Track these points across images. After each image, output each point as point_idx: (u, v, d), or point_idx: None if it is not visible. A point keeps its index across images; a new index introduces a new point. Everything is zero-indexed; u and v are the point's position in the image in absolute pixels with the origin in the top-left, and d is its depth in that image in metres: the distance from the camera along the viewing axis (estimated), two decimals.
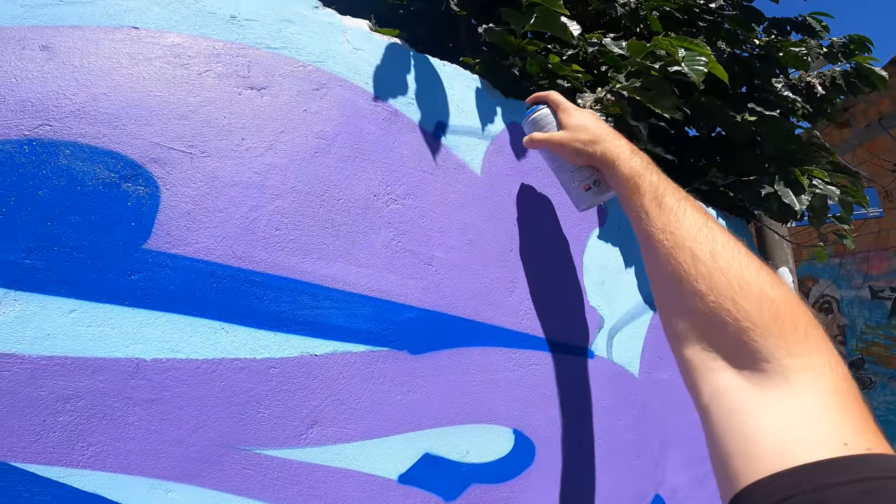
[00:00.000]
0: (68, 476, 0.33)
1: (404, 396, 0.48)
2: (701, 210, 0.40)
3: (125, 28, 0.38)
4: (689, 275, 0.35)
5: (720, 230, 0.37)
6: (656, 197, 0.41)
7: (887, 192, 3.06)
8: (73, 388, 0.34)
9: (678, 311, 0.36)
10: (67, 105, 0.35)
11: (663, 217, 0.39)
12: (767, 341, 0.29)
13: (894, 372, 3.08)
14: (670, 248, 0.37)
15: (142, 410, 0.36)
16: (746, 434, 0.27)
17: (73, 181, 0.35)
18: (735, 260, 0.34)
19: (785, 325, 0.29)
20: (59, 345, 0.34)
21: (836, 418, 0.26)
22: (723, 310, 0.32)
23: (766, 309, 0.30)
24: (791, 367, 0.28)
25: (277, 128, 0.44)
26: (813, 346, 0.29)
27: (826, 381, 0.27)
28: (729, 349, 0.31)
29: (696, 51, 0.61)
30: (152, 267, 0.37)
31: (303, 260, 0.43)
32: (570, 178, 0.55)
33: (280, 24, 0.47)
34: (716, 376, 0.31)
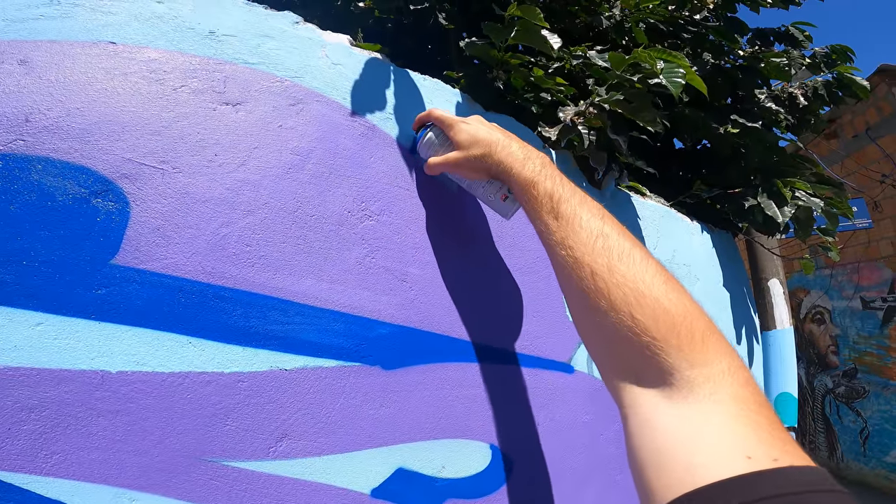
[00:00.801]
0: (32, 483, 0.34)
1: (377, 411, 0.48)
2: (598, 214, 0.39)
3: (102, 43, 0.39)
4: (590, 291, 0.35)
5: (617, 237, 0.36)
6: (552, 208, 0.41)
7: (876, 203, 3.08)
8: (38, 397, 0.35)
9: (587, 328, 0.37)
10: (41, 120, 0.35)
11: (561, 230, 0.39)
12: (669, 354, 0.30)
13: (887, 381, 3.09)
14: (571, 264, 0.37)
15: (106, 421, 0.37)
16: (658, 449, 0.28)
17: (43, 196, 0.35)
18: (630, 271, 0.34)
19: (681, 334, 0.30)
20: (25, 356, 0.35)
21: (739, 430, 0.26)
22: (624, 326, 0.32)
23: (662, 321, 0.31)
24: (692, 379, 0.29)
25: (251, 143, 0.45)
26: (711, 353, 0.30)
27: (726, 389, 0.28)
28: (636, 364, 0.31)
29: (674, 63, 0.62)
30: (120, 282, 0.37)
31: (274, 276, 0.43)
32: (484, 193, 0.53)
33: (259, 40, 0.48)
34: (629, 389, 0.31)
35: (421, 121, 0.55)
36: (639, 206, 0.87)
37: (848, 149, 3.32)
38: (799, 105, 0.91)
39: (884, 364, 3.10)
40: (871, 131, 3.12)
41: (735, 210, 0.96)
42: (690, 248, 0.97)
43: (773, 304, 1.29)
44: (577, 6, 0.93)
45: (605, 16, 0.87)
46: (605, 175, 0.80)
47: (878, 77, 2.96)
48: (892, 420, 3.07)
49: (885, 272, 3.11)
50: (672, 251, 0.92)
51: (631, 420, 0.31)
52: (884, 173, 3.05)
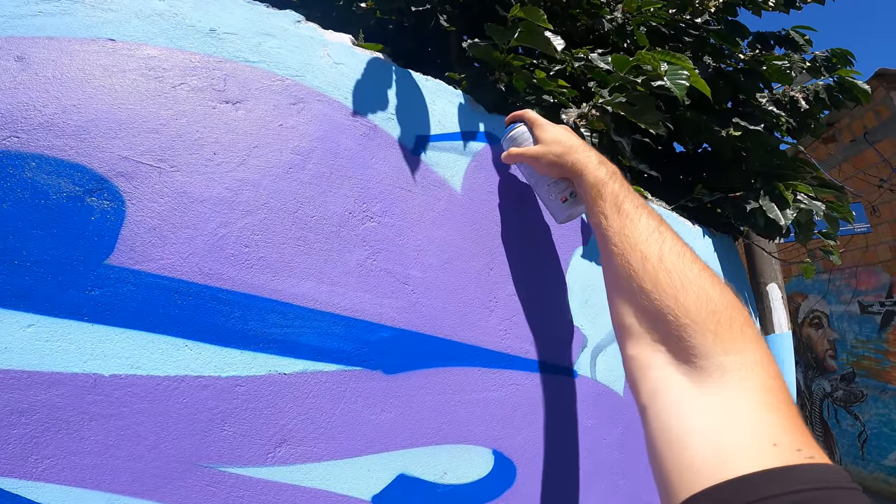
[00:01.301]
0: (22, 487, 0.33)
1: (378, 416, 0.47)
2: (656, 217, 0.42)
3: (101, 40, 0.38)
4: (637, 274, 0.37)
5: (671, 236, 0.40)
6: (616, 203, 0.44)
7: (874, 207, 3.09)
8: (29, 401, 0.34)
9: (626, 307, 0.38)
10: (37, 117, 0.34)
11: (620, 221, 0.43)
12: (705, 338, 0.31)
13: (885, 385, 3.09)
14: (623, 249, 0.40)
15: (98, 425, 0.35)
16: (680, 440, 0.28)
17: (37, 194, 0.34)
18: (680, 262, 0.36)
19: (721, 321, 0.31)
20: (16, 358, 0.34)
21: (767, 417, 0.27)
22: (665, 306, 0.34)
23: (705, 307, 0.32)
24: (725, 364, 0.30)
25: (251, 142, 0.44)
26: (747, 342, 0.31)
27: (758, 377, 0.29)
28: (669, 344, 0.33)
29: (678, 65, 0.62)
30: (114, 283, 0.36)
31: (273, 278, 0.42)
32: (547, 191, 0.57)
33: (260, 38, 0.47)
34: (655, 373, 0.33)
35: (513, 118, 0.61)
36: None
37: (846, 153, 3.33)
38: (800, 108, 0.91)
39: (882, 368, 3.11)
40: (868, 135, 3.12)
41: (737, 213, 0.96)
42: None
43: (771, 308, 1.29)
44: (579, 9, 0.93)
45: (607, 18, 0.87)
46: None
47: (876, 81, 2.95)
48: (890, 424, 3.07)
49: (882, 276, 3.12)
50: None
51: (655, 404, 0.31)
52: (882, 178, 3.05)
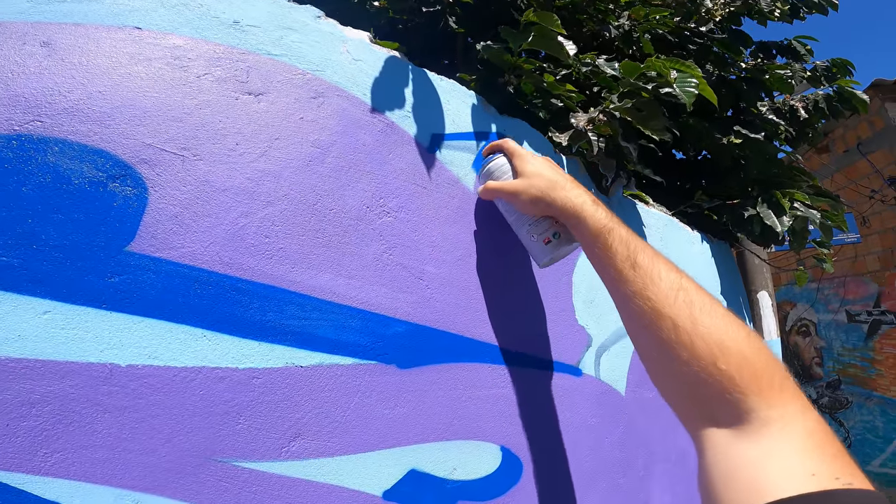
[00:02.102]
0: (28, 483, 0.32)
1: (391, 411, 0.47)
2: (674, 268, 0.40)
3: (128, 28, 0.38)
4: (670, 342, 0.36)
5: (696, 291, 0.38)
6: (629, 257, 0.41)
7: (864, 217, 3.16)
8: (41, 392, 0.33)
9: (663, 373, 0.38)
10: (61, 102, 0.34)
11: (639, 280, 0.39)
12: (748, 398, 0.32)
13: (871, 392, 3.17)
14: (650, 315, 0.38)
15: (112, 418, 0.35)
16: (728, 472, 0.30)
17: (59, 178, 0.34)
18: (714, 325, 0.35)
19: (762, 382, 0.32)
20: (30, 347, 0.33)
21: (807, 453, 0.28)
22: (706, 373, 0.34)
23: (746, 370, 0.33)
24: (770, 417, 0.31)
25: (273, 134, 0.44)
26: (787, 396, 0.32)
27: (798, 424, 0.30)
28: (716, 407, 0.33)
29: (687, 73, 0.63)
30: (134, 270, 0.36)
31: (291, 269, 0.42)
32: (528, 232, 0.52)
33: (282, 32, 0.47)
34: (705, 426, 0.34)
35: (492, 147, 0.56)
36: (644, 213, 0.88)
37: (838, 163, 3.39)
38: (799, 118, 0.93)
39: (867, 375, 3.19)
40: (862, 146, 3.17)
41: (734, 220, 0.98)
42: (691, 256, 0.99)
43: (761, 315, 1.31)
44: (586, 15, 0.94)
45: (614, 25, 0.88)
46: (614, 182, 0.81)
47: (871, 91, 2.97)
48: (874, 430, 3.14)
49: (870, 286, 3.20)
50: (674, 259, 0.92)
51: (706, 453, 0.33)
52: (873, 188, 3.11)
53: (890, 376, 3.07)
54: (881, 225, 3.15)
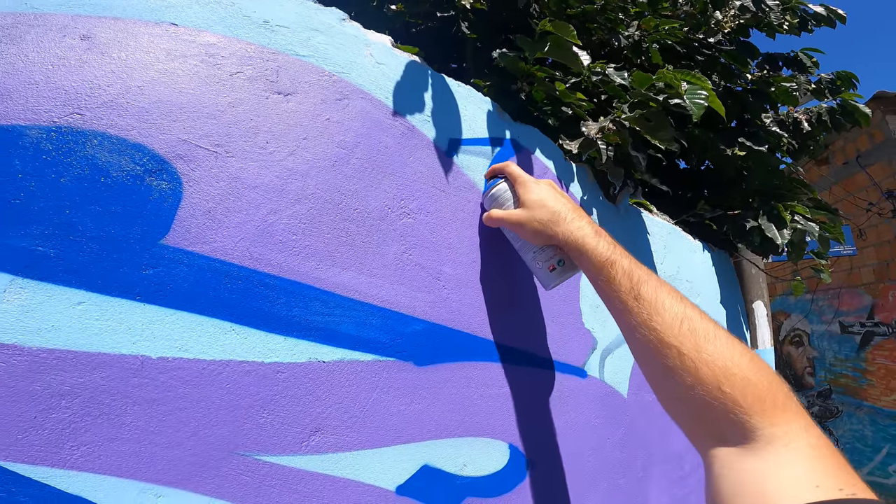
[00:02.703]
0: (52, 477, 0.32)
1: (407, 407, 0.48)
2: (678, 297, 0.42)
3: (165, 24, 0.38)
4: (676, 369, 0.38)
5: (699, 319, 0.39)
6: (632, 289, 0.42)
7: (861, 230, 3.20)
8: (71, 383, 0.33)
9: (669, 397, 0.40)
10: (101, 95, 0.35)
11: (643, 311, 0.41)
12: (752, 418, 0.33)
13: (861, 402, 3.22)
14: (655, 343, 0.39)
15: (141, 410, 0.35)
16: (735, 486, 0.31)
17: (97, 171, 0.35)
18: (718, 351, 0.37)
19: (766, 403, 0.34)
20: (63, 337, 0.33)
21: (811, 466, 0.30)
22: (711, 397, 0.35)
23: (750, 393, 0.34)
24: (774, 434, 0.32)
25: (301, 134, 0.45)
26: (790, 415, 0.34)
27: (802, 440, 0.32)
28: (722, 428, 0.35)
29: (697, 84, 0.65)
30: (168, 263, 0.36)
31: (316, 266, 0.43)
32: (532, 258, 0.53)
33: (309, 33, 0.48)
34: (711, 444, 0.35)
35: (494, 171, 0.56)
36: (648, 222, 0.90)
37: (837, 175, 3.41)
38: (802, 130, 0.95)
39: (858, 385, 3.24)
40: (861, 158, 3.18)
41: (735, 230, 1.00)
42: (692, 265, 1.01)
43: (756, 325, 1.34)
44: (596, 24, 0.96)
45: (624, 35, 0.90)
46: (621, 190, 0.82)
47: (873, 104, 2.98)
48: (863, 439, 3.20)
49: (865, 298, 3.25)
50: (677, 267, 0.95)
51: (713, 468, 0.34)
52: (870, 201, 3.15)
53: (881, 386, 3.13)
54: (877, 238, 3.19)
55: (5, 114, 0.33)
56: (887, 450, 3.08)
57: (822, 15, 0.95)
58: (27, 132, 0.33)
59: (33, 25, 0.34)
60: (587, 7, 0.91)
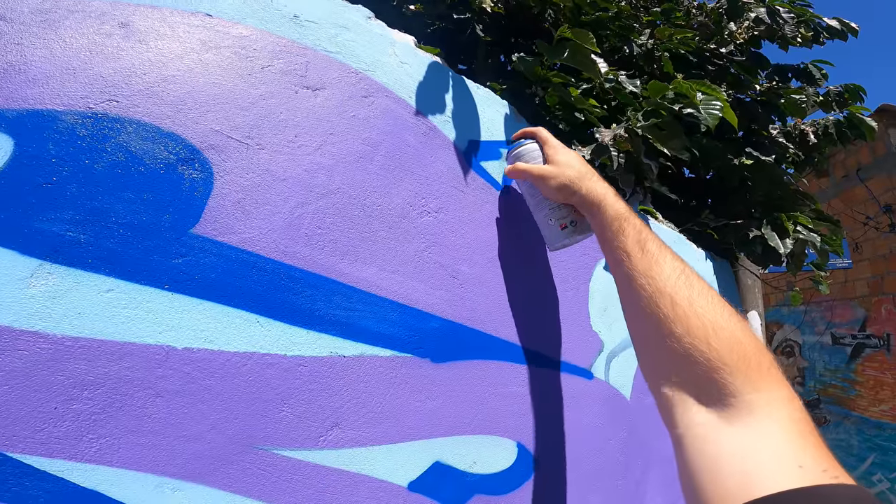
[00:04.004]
0: (69, 471, 0.31)
1: (423, 404, 0.48)
2: (679, 258, 0.43)
3: (200, 14, 0.38)
4: (667, 318, 0.37)
5: (697, 278, 0.40)
6: (639, 241, 0.43)
7: (857, 244, 3.23)
8: (95, 373, 0.32)
9: (656, 350, 0.39)
10: (137, 84, 0.35)
11: (645, 261, 0.42)
12: (735, 378, 0.33)
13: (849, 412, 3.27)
14: (651, 292, 0.40)
15: (163, 402, 0.34)
16: (714, 462, 0.30)
17: (131, 158, 0.35)
18: (710, 306, 0.37)
19: (751, 364, 0.33)
20: (89, 325, 0.33)
21: (793, 443, 0.29)
22: (697, 350, 0.35)
23: (736, 350, 0.34)
24: (755, 401, 0.31)
25: (328, 129, 0.45)
26: (773, 382, 0.33)
27: (784, 411, 0.31)
28: (701, 385, 0.34)
29: (712, 95, 0.66)
30: (197, 252, 0.36)
31: (340, 261, 0.44)
32: (547, 215, 0.55)
33: (337, 30, 0.48)
34: (689, 410, 0.34)
35: (524, 133, 0.58)
36: (654, 229, 0.91)
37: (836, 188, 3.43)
38: (808, 142, 0.97)
39: (847, 396, 3.29)
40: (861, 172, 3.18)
41: (738, 240, 1.02)
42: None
43: None
44: (609, 31, 0.97)
45: (637, 43, 0.91)
46: (631, 197, 0.83)
47: (876, 116, 2.95)
48: (849, 448, 3.26)
49: (857, 311, 3.30)
50: None
51: (686, 439, 0.33)
52: (868, 215, 3.15)
53: (869, 397, 3.18)
54: (873, 252, 3.23)
55: (41, 98, 0.33)
56: (872, 459, 3.14)
57: (836, 28, 0.96)
58: (63, 117, 0.33)
59: (72, 10, 0.34)
60: (601, 14, 0.93)
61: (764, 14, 0.88)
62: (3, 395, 0.30)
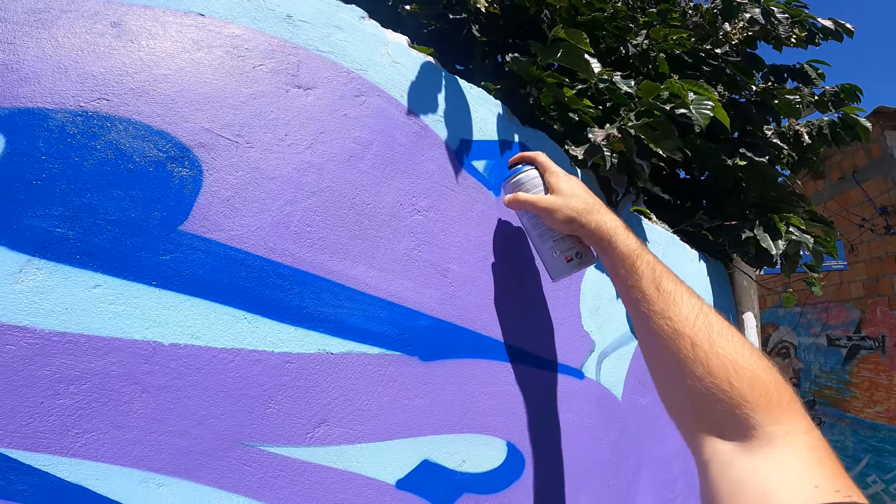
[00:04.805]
0: (54, 465, 0.31)
1: (411, 402, 0.49)
2: (694, 295, 0.43)
3: (192, 14, 0.39)
4: (687, 359, 0.38)
5: (715, 316, 0.40)
6: (654, 280, 0.43)
7: (853, 245, 3.24)
8: (81, 368, 0.33)
9: (677, 389, 0.40)
10: (128, 82, 0.35)
11: (661, 302, 0.42)
12: (757, 414, 0.34)
13: (844, 413, 3.29)
14: (670, 333, 0.40)
15: (150, 397, 0.35)
16: (736, 484, 0.32)
17: (121, 156, 0.35)
18: (730, 346, 0.38)
19: (772, 400, 0.35)
20: (76, 320, 0.33)
21: (811, 469, 0.31)
22: (719, 389, 0.36)
23: (757, 388, 0.35)
24: (775, 432, 0.33)
25: (318, 128, 0.45)
26: (793, 415, 0.34)
27: (803, 441, 0.33)
28: (725, 421, 0.35)
29: (704, 95, 0.66)
30: (185, 249, 0.37)
31: (329, 258, 0.44)
32: (552, 248, 0.53)
33: (330, 29, 0.49)
34: (713, 441, 0.36)
35: (522, 158, 0.56)
36: (648, 229, 0.91)
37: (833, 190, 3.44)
38: (803, 143, 0.97)
39: (842, 397, 3.31)
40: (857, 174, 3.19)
41: (731, 241, 1.02)
42: (688, 273, 1.03)
43: (746, 335, 1.37)
44: (605, 31, 0.97)
45: (633, 43, 0.92)
46: (623, 197, 0.84)
47: (872, 118, 2.97)
48: (843, 450, 3.27)
49: (853, 312, 3.31)
50: None
51: (711, 464, 0.34)
52: (864, 217, 3.15)
53: (864, 398, 3.19)
54: (868, 254, 3.24)
55: (32, 96, 0.33)
56: (867, 460, 3.15)
57: (830, 29, 0.96)
58: (53, 115, 0.33)
59: (65, 10, 0.34)
60: (597, 15, 0.93)
61: (758, 14, 0.88)
62: None
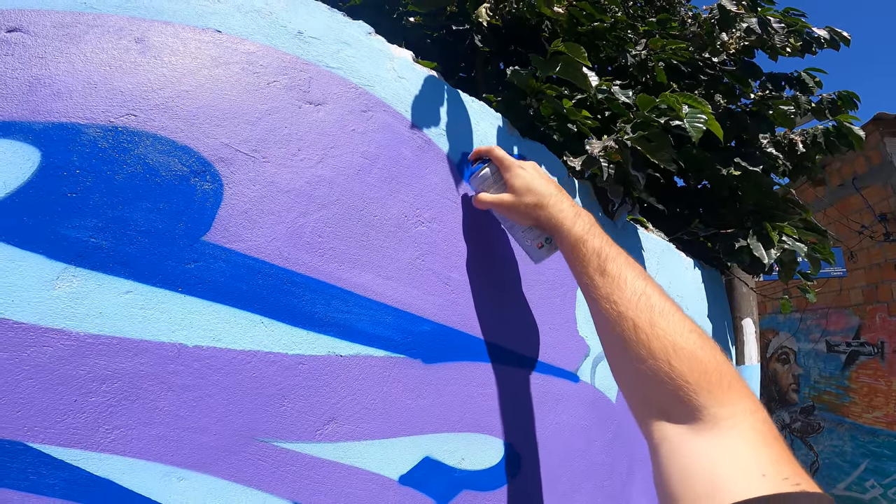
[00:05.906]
0: (84, 460, 0.33)
1: (414, 401, 0.51)
2: (641, 274, 0.44)
3: (210, 30, 0.41)
4: (631, 342, 0.39)
5: (658, 297, 0.41)
6: (599, 265, 0.45)
7: (852, 252, 3.24)
8: (113, 368, 0.35)
9: (624, 371, 0.41)
10: (154, 98, 0.38)
11: (606, 286, 0.43)
12: (699, 395, 0.34)
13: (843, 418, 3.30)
14: (614, 316, 0.41)
15: (174, 396, 0.37)
16: (685, 467, 0.32)
17: (148, 170, 0.38)
18: (669, 326, 0.38)
19: (712, 380, 0.35)
20: (109, 324, 0.35)
21: (757, 452, 0.31)
22: (661, 371, 0.37)
23: (696, 368, 0.36)
24: (719, 415, 0.33)
25: (329, 143, 0.48)
26: (735, 395, 0.34)
27: (747, 423, 0.33)
28: (669, 404, 0.36)
29: (697, 108, 0.69)
30: (208, 258, 0.40)
31: (339, 267, 0.47)
32: (522, 238, 0.57)
33: (339, 46, 0.51)
34: (661, 425, 0.36)
35: (479, 154, 0.58)
36: (644, 238, 0.94)
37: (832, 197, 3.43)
38: (797, 151, 0.99)
39: (841, 403, 3.32)
40: (857, 181, 3.17)
41: (726, 249, 1.05)
42: (684, 281, 1.05)
43: (744, 341, 1.39)
44: (605, 41, 1.00)
45: (631, 53, 0.94)
46: (619, 207, 0.86)
47: (872, 125, 2.96)
48: (842, 455, 3.29)
49: (852, 319, 3.31)
50: (668, 282, 0.99)
51: (661, 449, 0.35)
52: (863, 224, 3.14)
53: (863, 403, 3.21)
54: (868, 260, 3.24)
55: (65, 111, 0.36)
56: (865, 465, 3.17)
57: (826, 38, 0.98)
58: (85, 130, 0.36)
59: (92, 25, 0.37)
60: (597, 25, 0.95)
61: (755, 24, 0.90)
62: (28, 389, 0.32)
